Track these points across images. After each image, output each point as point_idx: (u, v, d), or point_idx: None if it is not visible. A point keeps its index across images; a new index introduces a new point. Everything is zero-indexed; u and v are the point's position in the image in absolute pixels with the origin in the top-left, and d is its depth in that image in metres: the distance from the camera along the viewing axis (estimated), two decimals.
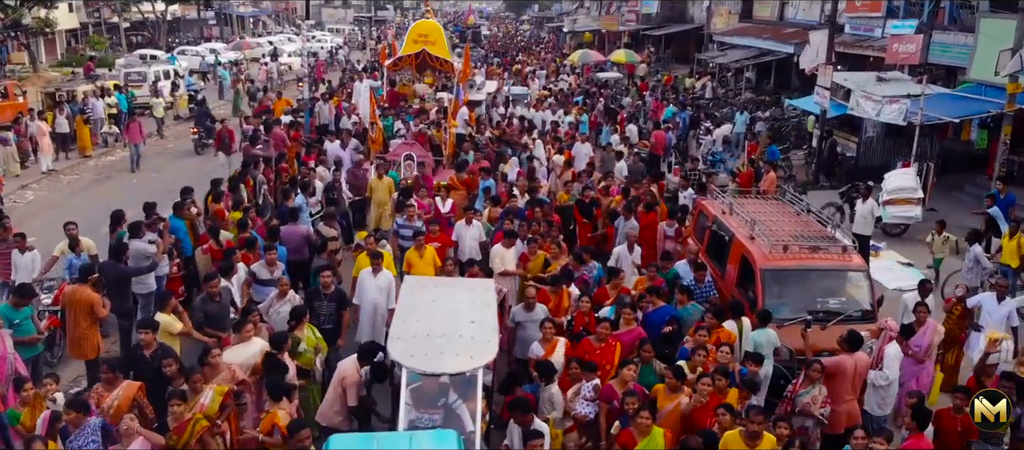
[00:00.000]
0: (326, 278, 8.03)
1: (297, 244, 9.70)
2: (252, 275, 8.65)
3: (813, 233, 9.19)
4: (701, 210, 10.68)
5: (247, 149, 14.25)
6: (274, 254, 8.69)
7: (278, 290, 8.06)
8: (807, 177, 19.21)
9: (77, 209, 15.99)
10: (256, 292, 8.55)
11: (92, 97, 22.36)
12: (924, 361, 7.98)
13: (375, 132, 15.48)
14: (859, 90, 17.68)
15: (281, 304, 7.89)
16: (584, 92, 28.23)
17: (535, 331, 7.40)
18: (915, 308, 8.21)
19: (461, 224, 10.23)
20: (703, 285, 8.92)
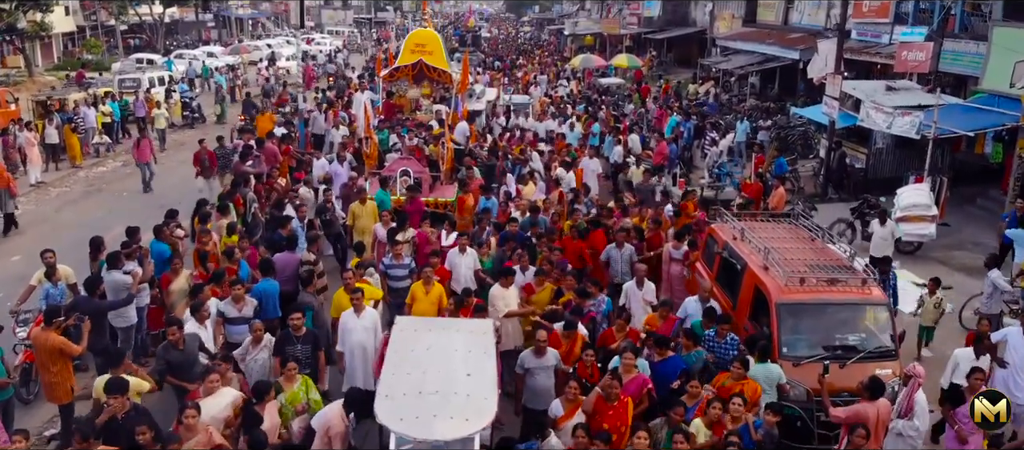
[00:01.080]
0: (296, 321, 7.43)
1: (291, 273, 9.18)
2: (221, 314, 8.03)
3: (830, 262, 8.71)
4: (710, 234, 10.20)
5: (237, 166, 13.74)
6: (242, 290, 8.07)
7: (252, 336, 7.45)
8: (816, 189, 18.73)
9: (66, 224, 15.65)
10: (229, 333, 7.95)
11: (83, 105, 21.89)
12: (966, 441, 6.85)
13: (370, 147, 14.94)
14: (869, 101, 17.20)
15: (257, 351, 7.32)
16: (586, 99, 27.74)
17: (546, 378, 6.84)
18: (970, 374, 7.22)
19: (454, 252, 9.69)
20: (724, 341, 7.89)
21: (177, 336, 7.17)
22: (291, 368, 6.68)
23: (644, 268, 9.38)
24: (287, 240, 9.76)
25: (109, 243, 13.07)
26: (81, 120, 20.82)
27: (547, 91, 30.38)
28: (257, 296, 8.31)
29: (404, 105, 18.35)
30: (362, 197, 11.69)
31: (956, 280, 13.61)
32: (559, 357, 7.21)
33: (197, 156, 15.50)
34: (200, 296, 7.97)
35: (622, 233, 10.50)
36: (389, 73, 17.26)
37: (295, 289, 8.71)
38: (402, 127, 16.57)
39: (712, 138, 19.43)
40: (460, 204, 12.30)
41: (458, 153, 15.21)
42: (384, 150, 15.89)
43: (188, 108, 26.37)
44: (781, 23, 31.24)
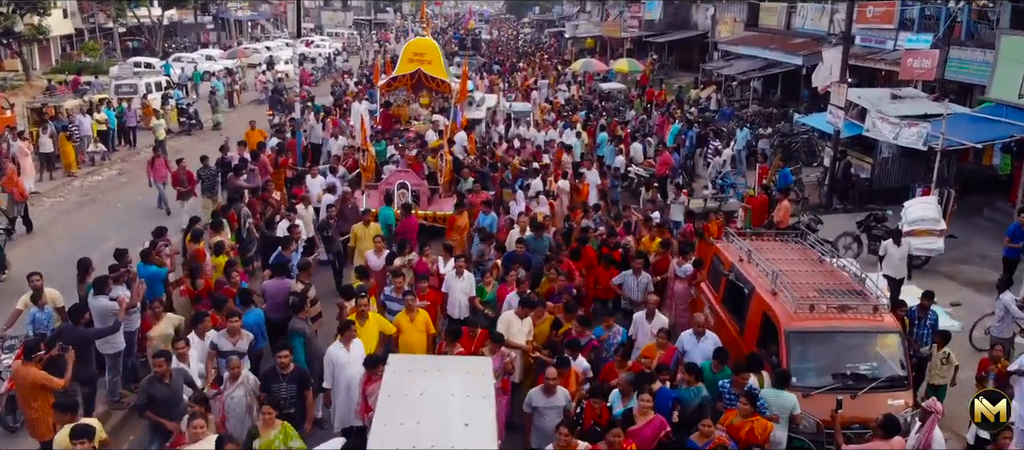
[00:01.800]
0: (284, 359, 7.05)
1: (283, 301, 8.82)
2: (214, 346, 7.63)
3: (840, 286, 8.45)
4: (716, 254, 9.93)
5: (232, 180, 13.44)
6: (238, 322, 7.69)
7: (229, 371, 7.01)
8: (820, 199, 18.47)
9: (58, 236, 15.41)
10: (220, 366, 7.56)
11: (79, 113, 21.60)
12: None
13: (367, 159, 14.62)
14: (875, 110, 16.93)
15: (234, 388, 6.90)
16: (587, 105, 27.45)
17: (555, 417, 6.51)
18: (999, 431, 6.78)
19: (450, 275, 9.33)
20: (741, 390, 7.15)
21: (164, 368, 6.84)
22: (268, 412, 6.21)
23: (655, 299, 8.96)
24: (280, 265, 9.38)
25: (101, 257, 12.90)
26: (76, 128, 20.56)
27: (548, 96, 30.11)
28: None
29: (402, 116, 17.99)
30: (365, 218, 11.24)
31: (965, 296, 13.38)
32: (569, 397, 6.87)
33: (175, 176, 14.77)
34: (200, 326, 7.67)
35: (639, 260, 10.03)
36: (387, 83, 16.90)
37: (287, 317, 8.41)
38: (400, 138, 16.16)
39: (715, 147, 19.14)
40: (450, 223, 11.87)
41: (457, 164, 14.92)
42: (381, 162, 15.53)
43: (185, 114, 26.06)
44: (784, 28, 30.99)
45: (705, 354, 7.95)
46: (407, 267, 9.55)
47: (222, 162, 14.92)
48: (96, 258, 13.33)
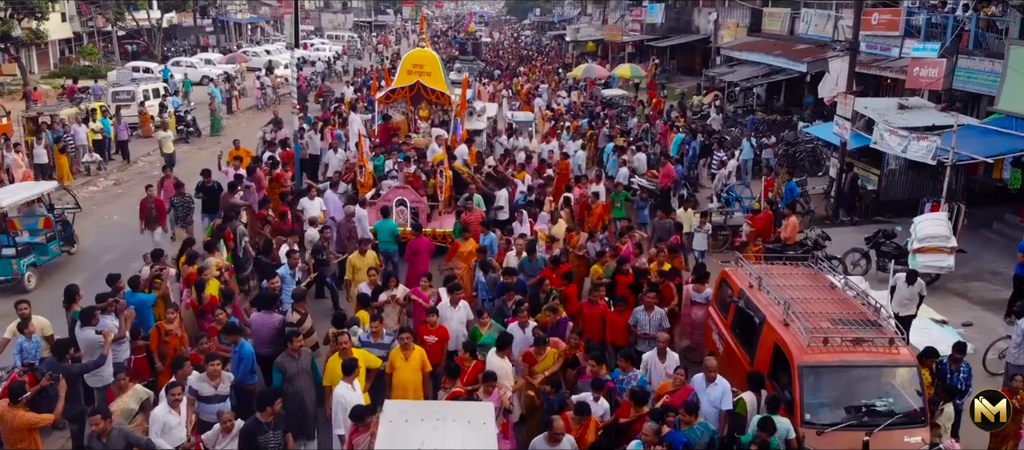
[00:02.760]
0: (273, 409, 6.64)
1: (270, 336, 8.47)
2: (193, 392, 7.20)
3: (854, 315, 8.17)
4: (725, 279, 9.65)
5: (226, 198, 13.05)
6: (218, 366, 7.29)
7: (222, 425, 6.65)
8: (826, 211, 18.18)
9: None
10: (201, 411, 7.19)
11: (74, 123, 21.32)
12: None
13: (364, 175, 14.21)
14: (882, 121, 16.63)
15: (227, 441, 6.57)
16: (589, 113, 27.14)
17: None
18: None
19: (445, 306, 8.88)
20: None
21: (100, 427, 6.34)
22: None
23: (667, 337, 8.49)
24: (269, 297, 8.96)
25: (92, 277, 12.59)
26: (71, 138, 20.28)
27: (549, 103, 29.80)
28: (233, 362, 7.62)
29: (401, 128, 17.61)
30: (363, 247, 10.74)
31: (976, 315, 13.10)
32: (574, 444, 6.56)
33: (143, 204, 13.43)
34: (179, 372, 7.25)
35: (651, 294, 9.47)
36: (385, 95, 16.52)
37: (276, 352, 8.06)
38: (399, 152, 15.82)
39: (720, 158, 18.83)
40: (453, 250, 11.33)
41: (458, 179, 14.60)
42: (380, 177, 15.14)
43: (182, 122, 25.77)
44: (787, 33, 30.68)
45: (713, 401, 7.58)
46: (391, 304, 9.09)
47: (204, 187, 13.90)
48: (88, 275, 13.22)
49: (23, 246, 12.51)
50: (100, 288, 9.18)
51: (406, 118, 17.81)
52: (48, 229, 13.46)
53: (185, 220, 13.52)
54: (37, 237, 13.12)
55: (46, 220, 13.60)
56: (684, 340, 10.38)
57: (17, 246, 12.33)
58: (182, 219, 13.51)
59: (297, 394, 7.54)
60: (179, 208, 13.45)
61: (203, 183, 13.95)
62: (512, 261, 10.57)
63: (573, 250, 11.45)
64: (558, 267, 10.26)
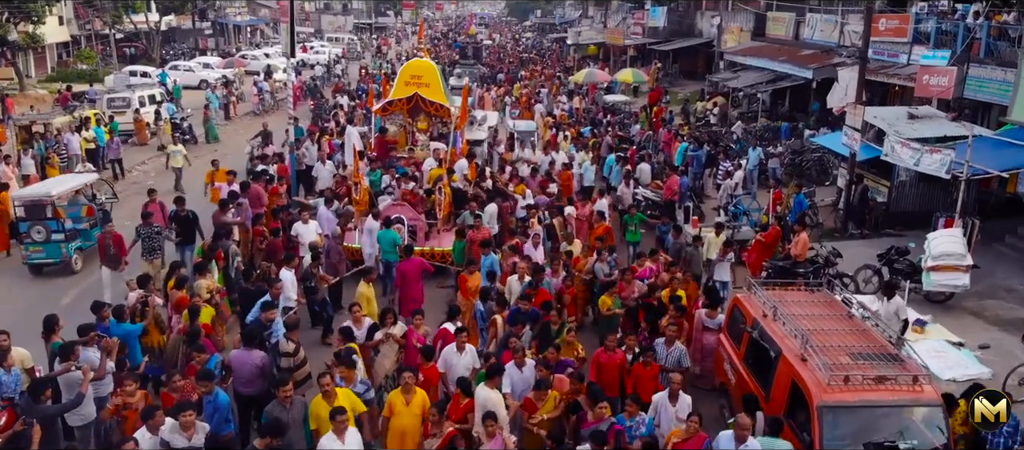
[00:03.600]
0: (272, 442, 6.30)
1: (251, 375, 7.94)
2: (165, 444, 6.70)
3: (874, 348, 7.77)
4: (737, 306, 9.24)
5: (217, 216, 12.56)
6: (191, 416, 6.74)
7: None
8: (835, 223, 17.77)
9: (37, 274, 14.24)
10: None
11: (68, 131, 20.90)
12: None
13: (359, 192, 13.67)
14: (893, 132, 16.23)
15: None
16: (591, 120, 26.70)
17: None
18: None
19: (450, 350, 8.22)
20: None
21: None
22: None
23: (679, 379, 7.90)
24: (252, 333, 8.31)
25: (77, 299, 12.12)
26: (64, 147, 19.87)
27: (551, 109, 29.39)
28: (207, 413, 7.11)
29: (399, 142, 17.10)
30: (369, 276, 10.29)
31: (993, 337, 12.66)
32: None
33: (101, 241, 12.26)
34: (151, 422, 6.75)
35: (673, 329, 8.96)
36: (382, 107, 16.00)
37: (259, 391, 7.61)
38: (397, 167, 15.26)
39: (726, 169, 18.41)
40: (461, 284, 10.68)
41: (457, 194, 14.15)
42: (376, 192, 14.59)
43: (178, 129, 25.36)
44: (792, 38, 30.29)
45: None
46: (388, 343, 8.55)
47: (177, 217, 12.90)
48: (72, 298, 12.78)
49: (70, 231, 13.88)
50: None
51: (404, 130, 17.25)
52: (90, 216, 14.53)
53: (152, 252, 12.31)
54: (81, 224, 14.30)
55: (88, 208, 14.71)
56: (695, 367, 9.97)
57: (66, 232, 13.73)
58: (148, 251, 12.31)
59: (288, 448, 7.07)
60: (145, 239, 12.32)
61: (177, 212, 13.00)
62: (515, 287, 10.06)
63: (578, 274, 10.99)
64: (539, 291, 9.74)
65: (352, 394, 7.40)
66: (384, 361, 8.38)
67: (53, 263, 13.66)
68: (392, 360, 8.35)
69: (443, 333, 8.74)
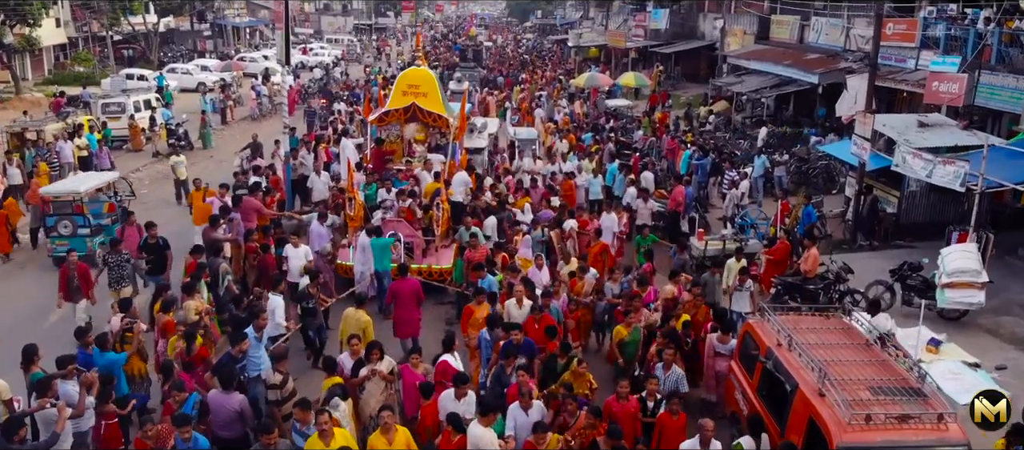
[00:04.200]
0: None
1: (228, 419, 7.45)
2: None
3: (895, 382, 7.37)
4: (749, 333, 8.83)
5: (207, 232, 12.06)
6: None
7: None
8: (844, 234, 17.35)
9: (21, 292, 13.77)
10: None
11: (60, 139, 20.48)
12: None
13: (354, 208, 13.11)
14: (904, 142, 15.82)
15: None
16: (593, 127, 26.24)
17: None
18: None
19: (448, 396, 7.56)
20: None
21: None
22: None
23: (712, 426, 7.21)
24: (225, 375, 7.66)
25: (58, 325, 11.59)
26: (56, 156, 19.46)
27: (551, 114, 28.98)
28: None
29: (395, 152, 16.55)
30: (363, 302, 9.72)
31: (1009, 356, 12.24)
32: None
33: (63, 272, 11.27)
34: None
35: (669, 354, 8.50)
36: (378, 117, 15.48)
37: (238, 435, 7.15)
38: (393, 180, 14.73)
39: (731, 178, 17.98)
40: (466, 316, 9.86)
41: (457, 208, 13.71)
42: (371, 206, 13.97)
43: (173, 135, 24.95)
44: (796, 42, 29.87)
45: None
46: (374, 379, 7.98)
47: (147, 245, 11.97)
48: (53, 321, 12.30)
49: (95, 227, 14.70)
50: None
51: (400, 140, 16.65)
52: (111, 213, 15.34)
53: (120, 281, 11.48)
54: (103, 220, 15.07)
55: (110, 205, 15.50)
56: (710, 394, 9.56)
57: (91, 226, 14.57)
58: (116, 281, 11.49)
59: None
60: (113, 268, 11.51)
61: (147, 239, 12.03)
62: (514, 312, 9.56)
63: (577, 297, 10.51)
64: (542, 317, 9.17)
65: (350, 437, 6.96)
66: (370, 400, 7.83)
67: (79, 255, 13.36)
68: (377, 399, 7.83)
69: (443, 367, 8.21)
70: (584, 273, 10.79)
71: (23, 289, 13.97)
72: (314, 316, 10.23)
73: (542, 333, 8.85)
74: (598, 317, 10.62)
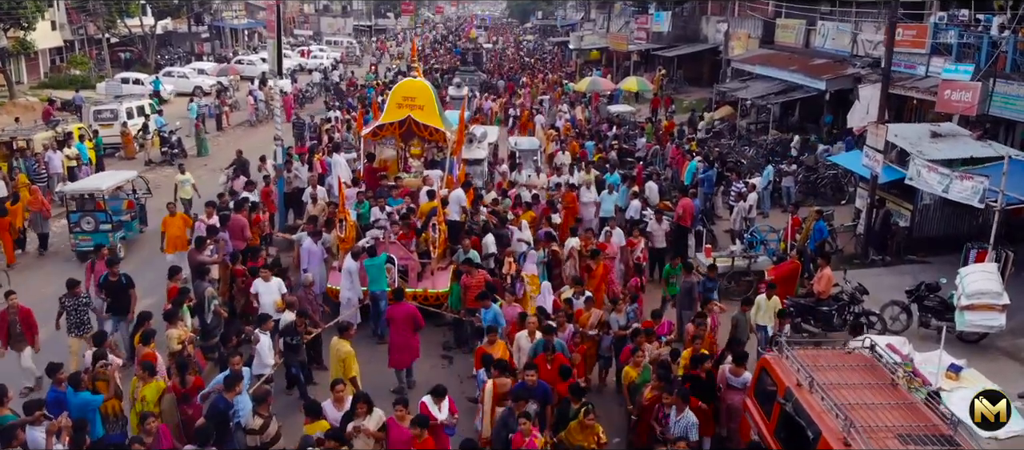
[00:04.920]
0: None
1: None
2: None
3: (926, 428, 6.86)
4: (766, 369, 8.29)
5: (193, 254, 11.50)
6: None
7: None
8: (855, 249, 16.81)
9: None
10: None
11: (49, 149, 19.93)
12: None
13: (345, 230, 12.29)
14: (917, 153, 15.29)
15: None
16: (595, 134, 25.67)
17: None
18: None
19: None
20: None
21: None
22: None
23: None
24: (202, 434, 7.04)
25: None
26: (44, 166, 18.92)
27: (553, 120, 28.44)
28: None
29: (389, 169, 15.68)
30: (348, 333, 9.02)
31: None
32: None
33: (3, 317, 10.06)
34: None
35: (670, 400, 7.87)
36: (372, 131, 14.73)
37: None
38: (388, 197, 13.94)
39: (738, 190, 17.43)
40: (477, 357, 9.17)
41: (454, 227, 13.09)
42: (363, 225, 13.22)
43: (167, 143, 24.43)
44: (802, 46, 29.31)
45: None
46: (360, 437, 7.30)
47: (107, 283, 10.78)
48: None
49: (116, 222, 15.72)
50: None
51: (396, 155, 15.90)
52: (131, 210, 16.45)
53: (81, 327, 10.33)
54: (122, 216, 16.08)
55: (129, 202, 16.56)
56: (721, 428, 9.03)
57: (112, 222, 15.57)
58: (77, 326, 10.34)
59: None
60: (71, 312, 10.32)
61: (107, 277, 10.87)
62: (524, 344, 8.89)
63: (582, 329, 9.86)
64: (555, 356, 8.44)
65: None
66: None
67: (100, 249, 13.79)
68: None
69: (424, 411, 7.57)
70: (590, 304, 10.14)
71: None
72: (297, 352, 9.57)
73: (555, 373, 8.18)
74: (602, 352, 9.98)
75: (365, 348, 10.39)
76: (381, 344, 10.95)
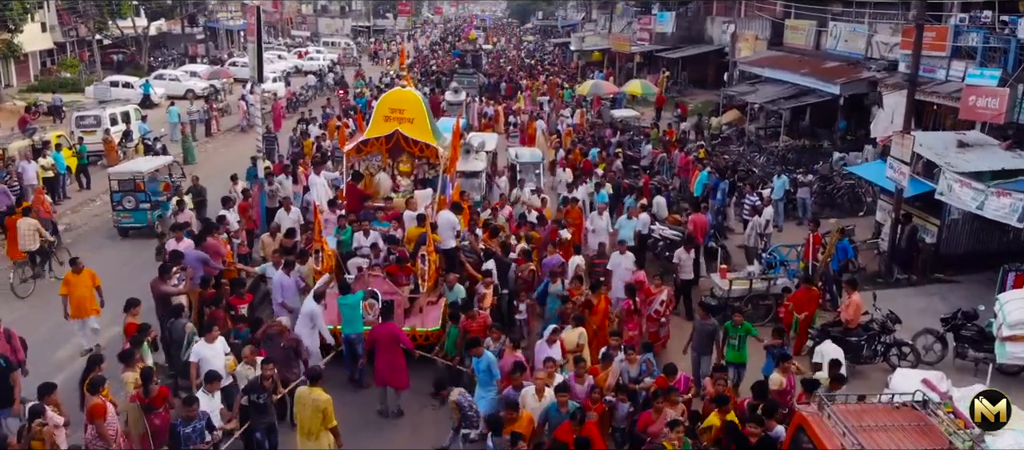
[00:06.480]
0: None
1: None
2: None
3: None
4: (802, 426, 7.21)
5: (156, 284, 10.24)
6: None
7: None
8: (879, 267, 15.73)
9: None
10: None
11: (22, 159, 18.88)
12: None
13: (321, 261, 10.95)
14: (946, 165, 14.23)
15: None
16: (598, 140, 24.59)
17: None
18: None
19: None
20: None
21: None
22: None
23: None
24: None
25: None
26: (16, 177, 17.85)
27: (555, 125, 27.38)
28: None
29: (373, 193, 13.89)
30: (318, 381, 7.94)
31: None
32: None
33: None
34: None
35: None
36: (356, 147, 12.92)
37: None
38: (372, 220, 12.43)
39: (752, 204, 16.34)
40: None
41: (445, 256, 11.80)
42: (345, 254, 11.74)
43: (151, 151, 23.36)
44: (812, 48, 28.24)
45: None
46: None
47: None
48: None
49: (153, 202, 16.97)
50: None
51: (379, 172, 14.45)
52: (167, 191, 17.49)
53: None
54: (160, 197, 17.18)
55: (166, 185, 17.69)
56: None
57: (151, 202, 16.90)
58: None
59: None
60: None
61: None
62: (531, 403, 7.72)
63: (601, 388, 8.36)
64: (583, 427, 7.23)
65: None
66: None
67: (140, 226, 16.96)
68: None
69: None
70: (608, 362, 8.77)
71: None
72: (265, 413, 8.14)
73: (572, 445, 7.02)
74: (617, 423, 8.55)
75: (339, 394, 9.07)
76: (359, 390, 9.94)
